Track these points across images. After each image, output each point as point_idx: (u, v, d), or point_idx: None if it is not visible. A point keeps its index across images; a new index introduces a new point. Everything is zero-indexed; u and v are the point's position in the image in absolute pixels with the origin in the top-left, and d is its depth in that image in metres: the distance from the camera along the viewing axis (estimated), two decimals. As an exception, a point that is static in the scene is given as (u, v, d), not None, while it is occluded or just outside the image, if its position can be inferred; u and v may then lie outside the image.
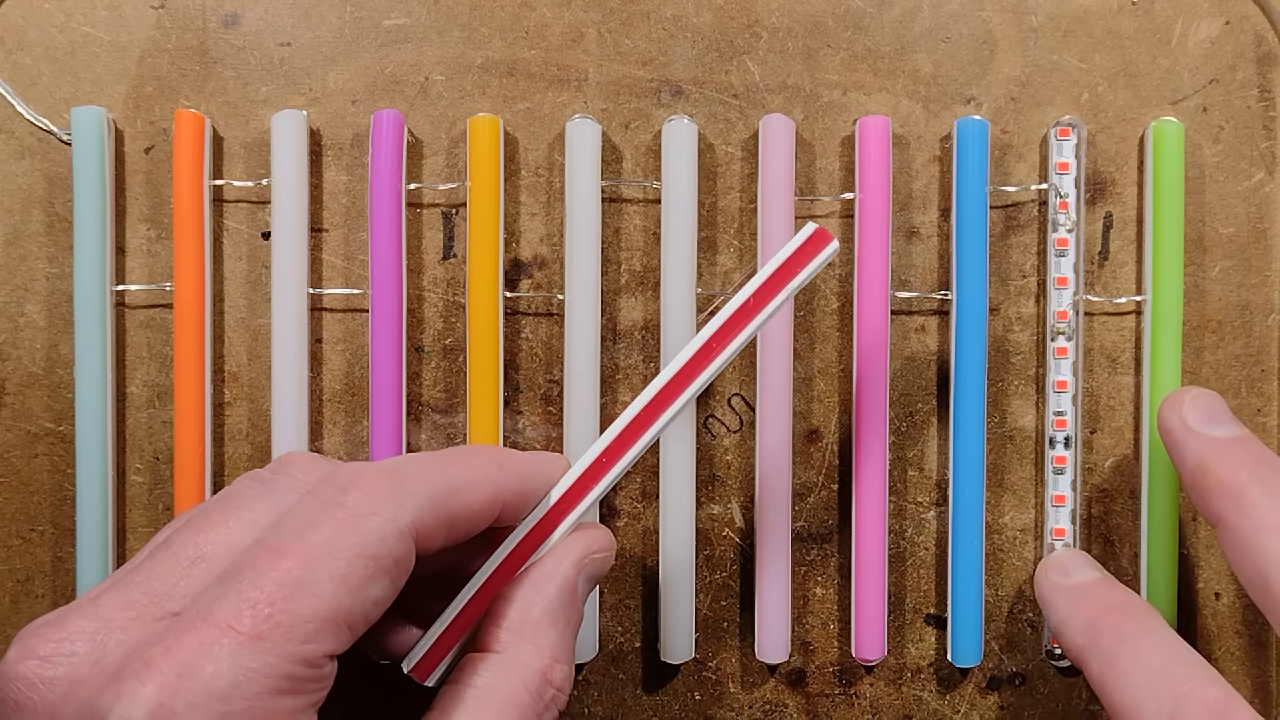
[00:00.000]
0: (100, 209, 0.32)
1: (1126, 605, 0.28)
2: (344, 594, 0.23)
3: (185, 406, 0.32)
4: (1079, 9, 0.33)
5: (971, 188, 0.32)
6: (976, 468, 0.32)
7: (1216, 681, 0.25)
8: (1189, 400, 0.28)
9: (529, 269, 0.33)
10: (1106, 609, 0.28)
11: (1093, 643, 0.27)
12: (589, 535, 0.28)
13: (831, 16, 0.33)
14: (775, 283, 0.28)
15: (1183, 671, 0.25)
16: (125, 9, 0.33)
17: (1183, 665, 0.26)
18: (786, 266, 0.28)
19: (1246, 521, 0.26)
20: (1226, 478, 0.26)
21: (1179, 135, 0.32)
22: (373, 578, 0.23)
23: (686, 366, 0.28)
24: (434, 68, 0.33)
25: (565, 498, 0.28)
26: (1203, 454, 0.27)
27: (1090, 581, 0.30)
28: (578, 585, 0.27)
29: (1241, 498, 0.26)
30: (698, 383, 0.28)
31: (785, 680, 0.34)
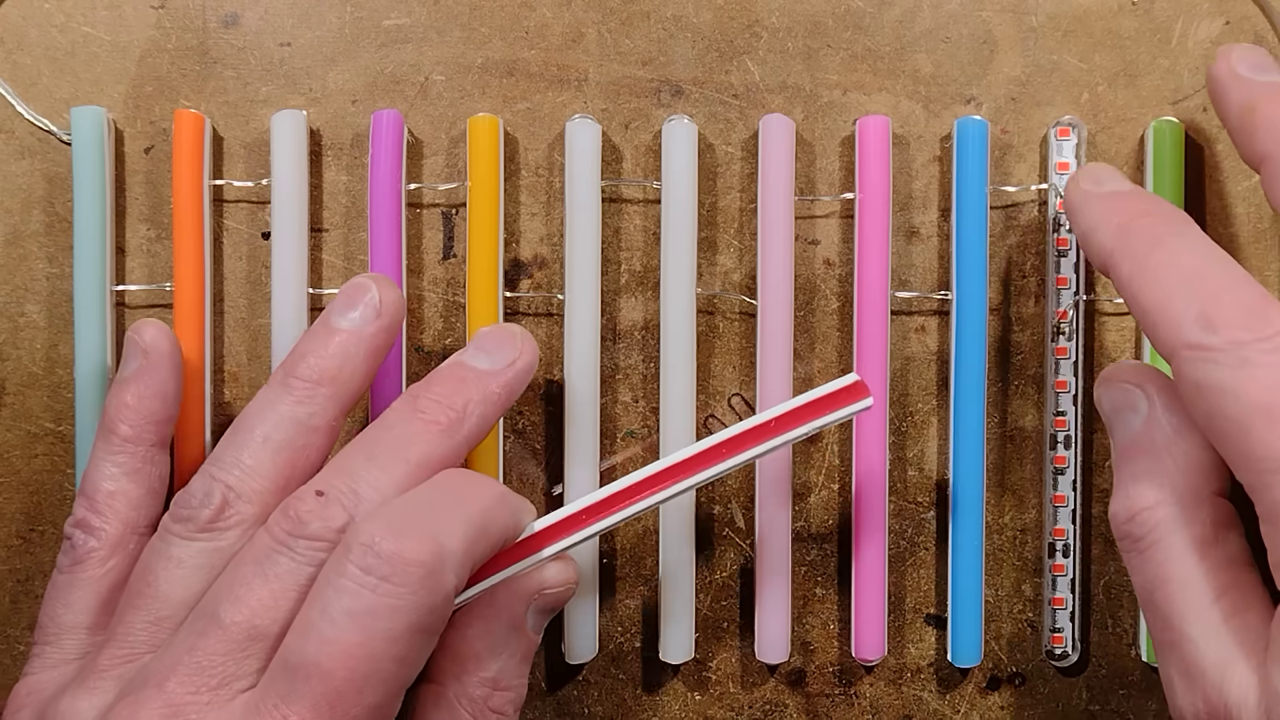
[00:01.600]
0: (100, 209, 0.32)
1: (1161, 209, 0.27)
2: (407, 672, 0.24)
3: (185, 406, 0.32)
4: (1079, 9, 0.33)
5: (971, 188, 0.32)
6: (976, 468, 0.32)
7: (1251, 282, 0.24)
8: (1238, 51, 0.28)
9: (529, 269, 0.33)
10: (1140, 213, 0.27)
11: (1124, 245, 0.26)
12: (545, 571, 0.28)
13: (831, 16, 0.33)
14: (801, 415, 0.29)
15: (1218, 271, 0.25)
16: (125, 9, 0.33)
17: (1218, 265, 0.25)
18: (818, 404, 0.29)
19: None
20: (1272, 114, 0.26)
21: (1179, 135, 0.32)
22: (426, 644, 0.25)
23: (689, 460, 0.28)
24: (434, 68, 0.33)
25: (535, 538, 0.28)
26: (1251, 95, 0.27)
27: (1124, 190, 0.28)
28: (525, 619, 0.28)
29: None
30: (694, 479, 0.28)
31: (785, 680, 0.34)
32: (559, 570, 0.28)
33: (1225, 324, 0.23)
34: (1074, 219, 0.28)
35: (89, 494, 0.29)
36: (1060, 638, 0.33)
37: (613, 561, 0.33)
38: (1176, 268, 0.25)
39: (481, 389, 0.28)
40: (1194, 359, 0.24)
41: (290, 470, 0.27)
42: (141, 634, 0.26)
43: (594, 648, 0.33)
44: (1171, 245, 0.25)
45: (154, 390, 0.29)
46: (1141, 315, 0.25)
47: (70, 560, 0.28)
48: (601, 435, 0.33)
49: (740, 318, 0.33)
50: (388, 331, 0.29)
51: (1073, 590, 0.33)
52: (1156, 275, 0.25)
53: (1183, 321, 0.24)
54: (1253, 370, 0.23)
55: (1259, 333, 0.23)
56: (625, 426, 0.33)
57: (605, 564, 0.33)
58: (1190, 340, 0.24)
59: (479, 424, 0.28)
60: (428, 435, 0.27)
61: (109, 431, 0.29)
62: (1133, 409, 0.27)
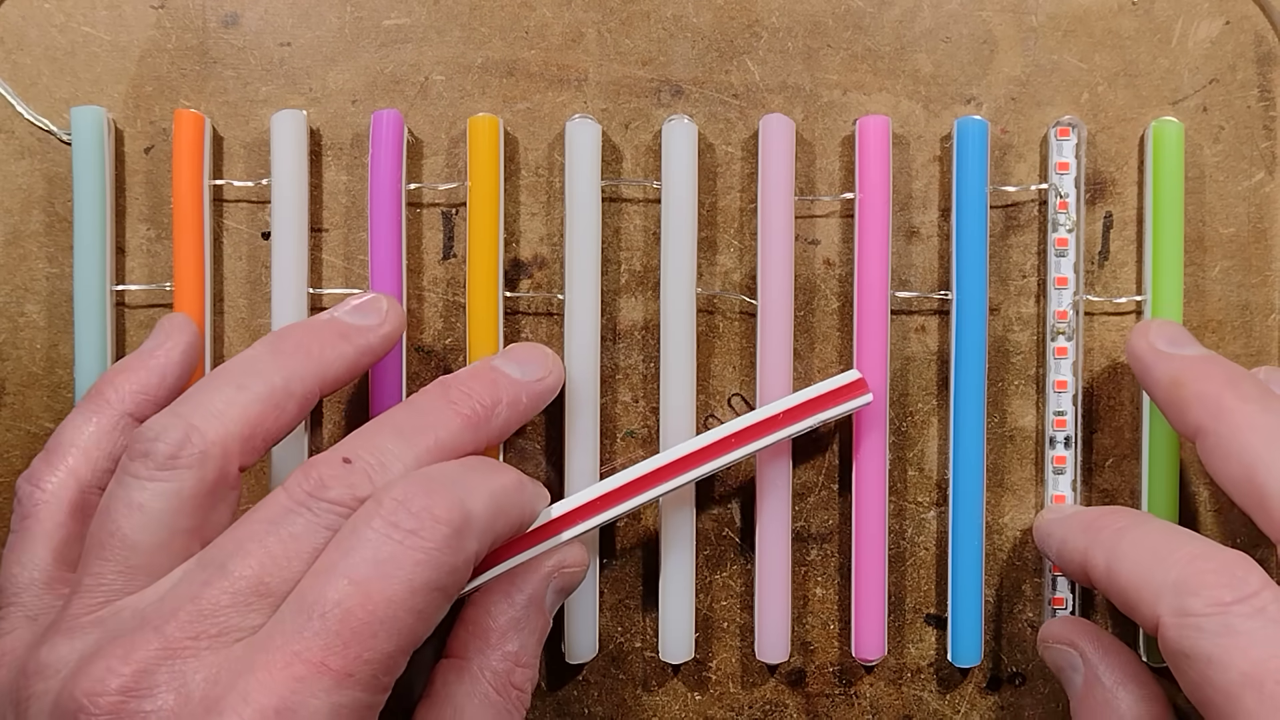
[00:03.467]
0: (100, 209, 0.32)
1: (1121, 510, 0.29)
2: (422, 627, 0.24)
3: (185, 406, 0.32)
4: (1079, 9, 0.33)
5: (971, 188, 0.32)
6: (976, 468, 0.32)
7: (1223, 547, 0.25)
8: (1155, 327, 0.29)
9: (529, 269, 0.33)
10: (1101, 514, 0.29)
11: (1094, 540, 0.27)
12: (563, 550, 0.29)
13: (831, 16, 0.33)
14: (803, 411, 0.30)
15: (1188, 542, 0.26)
16: (125, 9, 0.33)
17: (1186, 538, 0.26)
18: (819, 400, 0.30)
19: (1225, 426, 0.26)
20: (1201, 388, 0.27)
21: (1179, 135, 0.32)
22: (443, 606, 0.25)
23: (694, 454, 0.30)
24: (434, 68, 0.33)
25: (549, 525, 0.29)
26: (1176, 371, 0.28)
27: (1084, 509, 0.31)
28: (546, 597, 0.28)
29: (1218, 405, 0.27)
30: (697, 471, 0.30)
31: (785, 680, 0.34)
32: (576, 551, 0.29)
33: (1204, 586, 0.24)
34: (1045, 546, 0.31)
35: (49, 448, 0.28)
36: (1060, 638, 0.33)
37: (613, 561, 0.33)
38: (1147, 545, 0.26)
39: (512, 393, 0.29)
40: (1178, 627, 0.24)
41: (258, 425, 0.27)
42: (115, 582, 0.25)
43: (594, 648, 0.33)
44: (1138, 530, 0.27)
45: (155, 365, 0.30)
46: (1123, 598, 0.26)
47: (19, 515, 0.28)
48: (601, 435, 0.33)
49: (740, 317, 0.33)
50: (385, 339, 0.30)
51: (1073, 590, 0.33)
52: (1129, 556, 0.26)
53: (1161, 591, 0.25)
54: (1237, 639, 0.23)
55: (1239, 592, 0.24)
56: (625, 426, 0.33)
57: (605, 564, 0.33)
58: (1172, 607, 0.24)
59: (504, 426, 0.29)
60: (456, 423, 0.28)
61: (94, 392, 0.29)
62: (1072, 668, 0.29)
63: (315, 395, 0.28)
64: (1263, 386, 0.27)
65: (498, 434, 0.29)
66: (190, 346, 0.31)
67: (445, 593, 0.24)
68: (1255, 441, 0.26)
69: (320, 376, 0.28)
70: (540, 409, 0.30)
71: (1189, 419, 0.27)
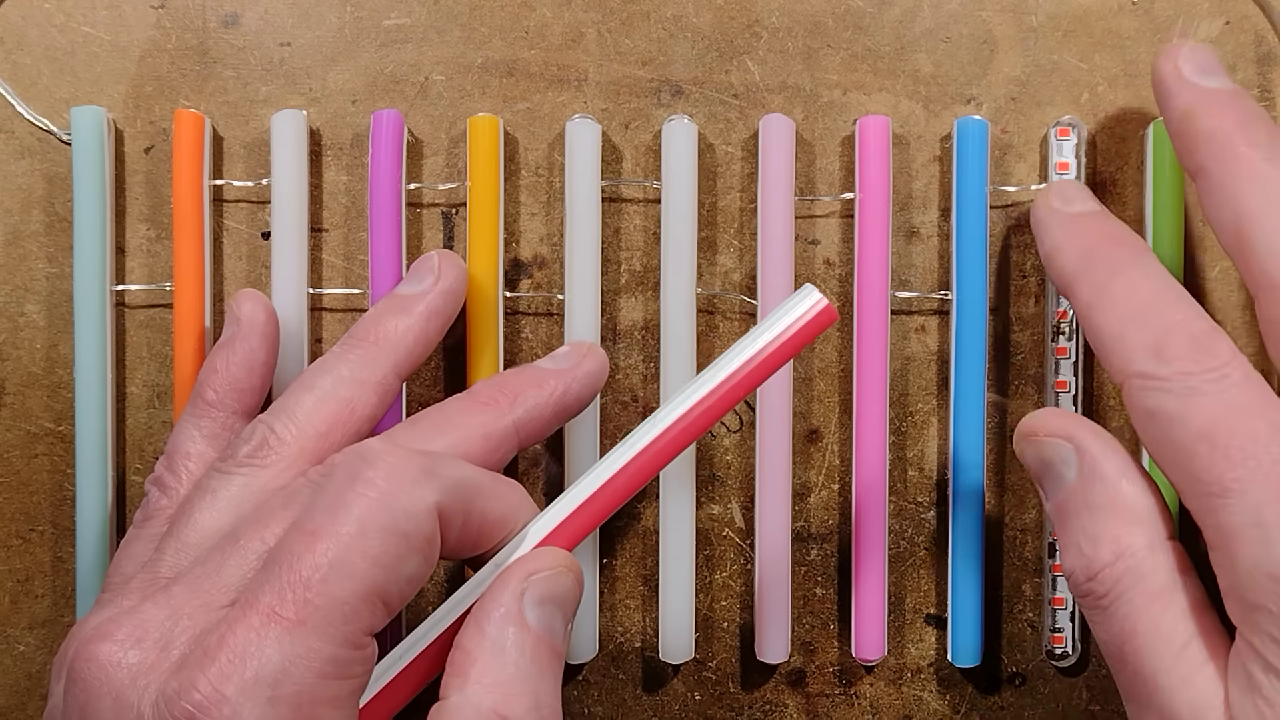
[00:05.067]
0: (100, 209, 0.32)
1: (1123, 237, 0.28)
2: (378, 572, 0.23)
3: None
4: (1079, 9, 0.33)
5: (971, 188, 0.32)
6: (976, 468, 0.32)
7: (1202, 316, 0.25)
8: (1185, 51, 0.28)
9: (529, 269, 0.33)
10: (1103, 239, 0.28)
11: (1086, 270, 0.27)
12: (529, 558, 0.26)
13: (831, 16, 0.33)
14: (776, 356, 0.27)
15: (1172, 303, 0.26)
16: (125, 9, 0.33)
17: (1173, 297, 0.26)
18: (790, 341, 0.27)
19: (1225, 170, 0.26)
20: (1211, 125, 0.26)
21: (1179, 135, 0.32)
22: (405, 555, 0.23)
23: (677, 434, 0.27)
24: (434, 68, 0.33)
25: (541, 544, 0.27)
26: (1191, 102, 0.27)
27: (1090, 211, 0.29)
28: (524, 612, 0.25)
29: (1224, 146, 0.26)
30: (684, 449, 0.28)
31: (785, 680, 0.34)
32: (543, 555, 0.26)
33: (1176, 356, 0.25)
34: (1039, 236, 0.29)
35: (169, 453, 0.29)
36: (1060, 638, 0.33)
37: (613, 561, 0.33)
38: (1133, 298, 0.26)
39: (538, 380, 0.29)
40: (1145, 388, 0.25)
41: (333, 420, 0.28)
42: (169, 558, 0.26)
43: (594, 648, 0.33)
44: (1131, 275, 0.26)
45: (241, 359, 0.30)
46: (1097, 342, 0.26)
47: (142, 515, 0.29)
48: (601, 435, 0.33)
49: (740, 318, 0.33)
50: (445, 295, 0.30)
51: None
52: (1115, 304, 0.26)
53: (1136, 351, 0.25)
54: (1199, 399, 0.24)
55: (1206, 364, 0.24)
56: (625, 426, 0.33)
57: (605, 564, 0.33)
58: (1143, 370, 0.25)
59: (531, 413, 0.29)
60: (473, 411, 0.28)
61: (196, 395, 0.30)
62: (1063, 462, 0.27)
63: (393, 377, 0.29)
64: (1276, 133, 0.26)
65: (526, 420, 0.29)
66: (265, 324, 0.30)
67: (407, 540, 0.23)
68: (1251, 191, 0.25)
69: (391, 359, 0.29)
70: (580, 398, 0.30)
71: (1194, 156, 0.26)
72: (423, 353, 0.30)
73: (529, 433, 0.29)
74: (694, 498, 0.33)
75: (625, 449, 0.27)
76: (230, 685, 0.22)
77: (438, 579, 0.33)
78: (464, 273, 0.31)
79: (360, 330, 0.29)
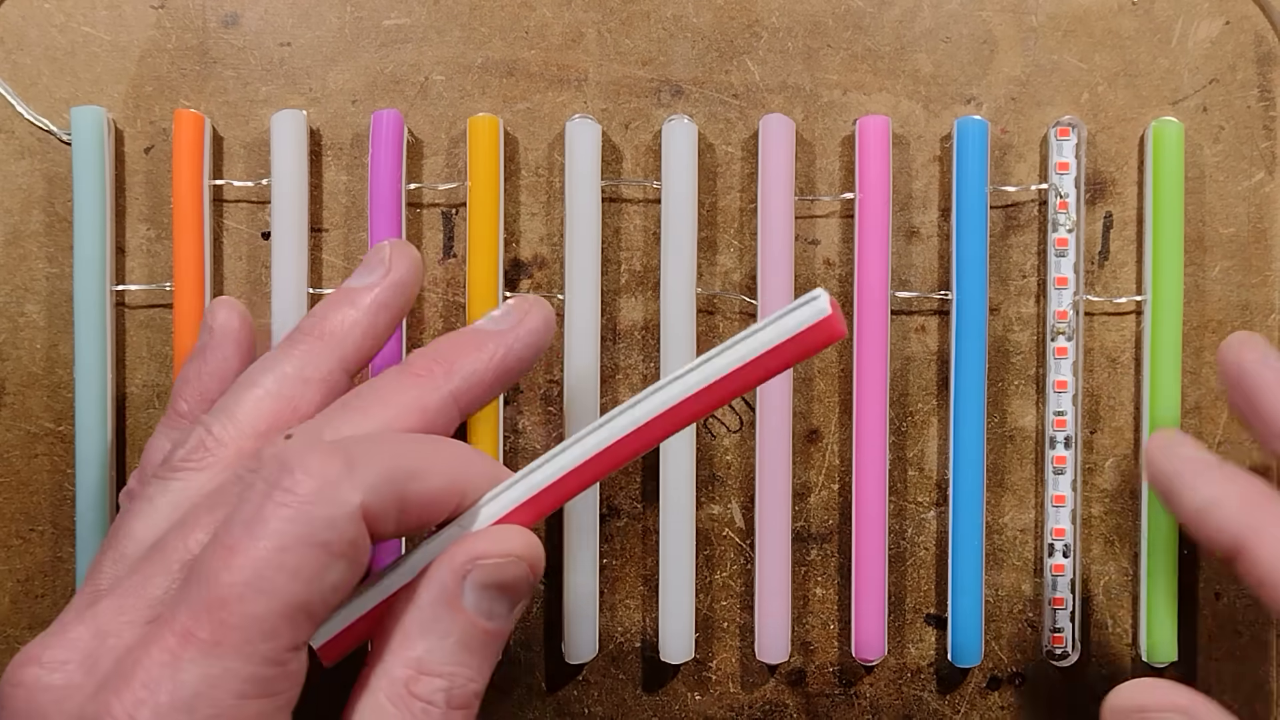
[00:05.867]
0: (100, 209, 0.32)
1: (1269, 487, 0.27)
2: (298, 586, 0.22)
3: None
4: (1079, 9, 0.33)
5: (971, 188, 0.32)
6: (976, 468, 0.32)
7: None
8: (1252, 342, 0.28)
9: (529, 269, 0.33)
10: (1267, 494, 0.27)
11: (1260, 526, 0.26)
12: (481, 538, 0.24)
13: (831, 16, 0.33)
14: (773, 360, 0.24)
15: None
16: (125, 9, 0.33)
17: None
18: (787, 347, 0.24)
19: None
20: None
21: (1179, 135, 0.32)
22: (328, 565, 0.22)
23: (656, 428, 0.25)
24: (434, 68, 0.33)
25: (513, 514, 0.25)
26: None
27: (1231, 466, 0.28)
28: (461, 594, 0.24)
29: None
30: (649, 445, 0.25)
31: (785, 680, 0.34)
32: (496, 537, 0.24)
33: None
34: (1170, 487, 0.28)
35: (142, 465, 0.29)
36: (1060, 638, 0.33)
37: (613, 561, 0.33)
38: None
39: (476, 344, 0.27)
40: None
41: (274, 418, 0.26)
42: (107, 571, 0.25)
43: (594, 648, 0.33)
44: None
45: (213, 369, 0.29)
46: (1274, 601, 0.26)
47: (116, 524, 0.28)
48: (601, 435, 0.33)
49: (740, 318, 0.33)
50: (394, 288, 0.28)
51: (1073, 590, 0.33)
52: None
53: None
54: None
55: None
56: (625, 426, 0.33)
57: (605, 564, 0.33)
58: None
59: (469, 380, 0.27)
60: (407, 384, 0.26)
61: (170, 406, 0.29)
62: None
63: (339, 373, 0.27)
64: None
65: (465, 388, 0.27)
66: (237, 333, 0.29)
67: (328, 549, 0.22)
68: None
69: (338, 354, 0.27)
70: (522, 359, 0.27)
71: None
72: (372, 347, 0.28)
73: (470, 401, 0.27)
74: (694, 498, 0.33)
75: (601, 431, 0.25)
76: (145, 711, 0.21)
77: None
78: (417, 263, 0.29)
79: (306, 324, 0.28)
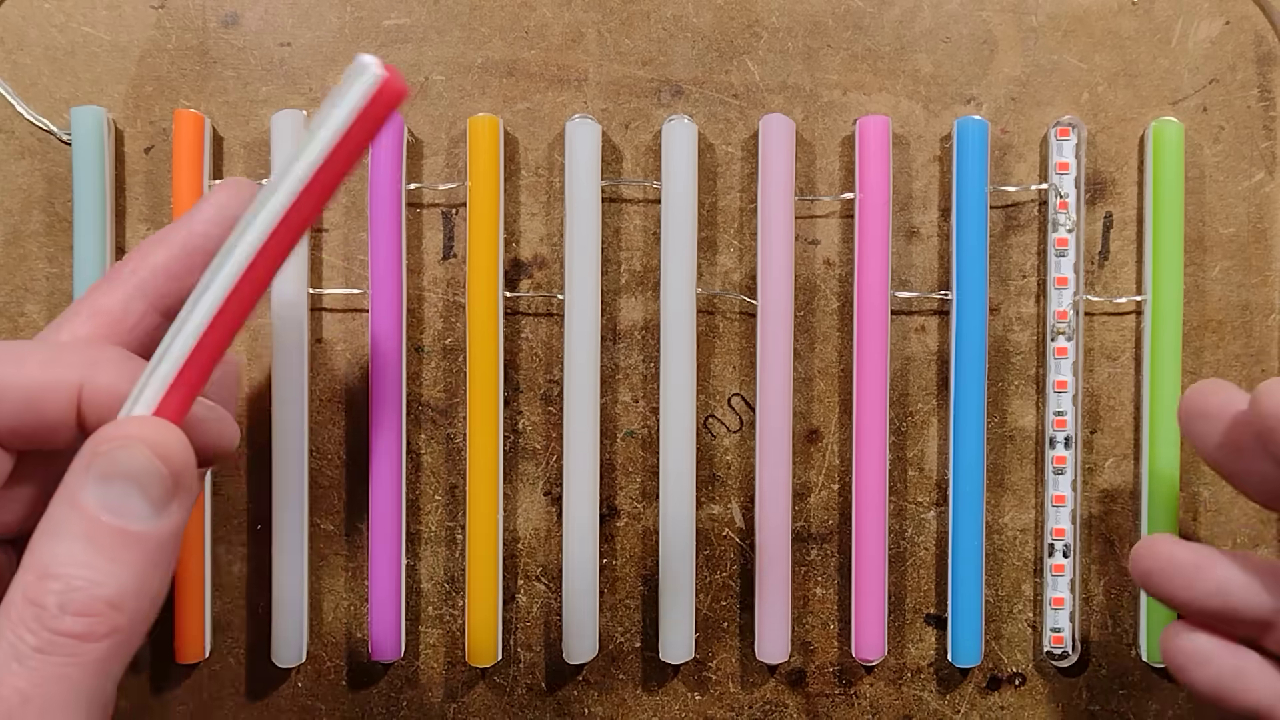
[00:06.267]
0: (100, 209, 0.32)
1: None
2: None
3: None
4: (1079, 9, 0.33)
5: (971, 188, 0.32)
6: (976, 468, 0.32)
7: None
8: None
9: (529, 269, 0.33)
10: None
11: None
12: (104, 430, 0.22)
13: (831, 16, 0.33)
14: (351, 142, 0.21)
15: None
16: (125, 9, 0.33)
17: None
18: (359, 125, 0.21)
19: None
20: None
21: (1179, 135, 0.32)
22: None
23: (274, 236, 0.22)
24: (434, 68, 0.33)
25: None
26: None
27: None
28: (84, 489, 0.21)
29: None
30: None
31: (785, 680, 0.34)
32: (117, 426, 0.22)
33: None
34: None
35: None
36: (1060, 638, 0.33)
37: (613, 561, 0.33)
38: None
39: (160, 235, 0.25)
40: None
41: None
42: None
43: (594, 648, 0.33)
44: None
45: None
46: None
47: None
48: (601, 435, 0.33)
49: (740, 318, 0.33)
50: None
51: (1073, 590, 0.33)
52: None
53: None
54: None
55: None
56: (625, 426, 0.33)
57: (605, 564, 0.33)
58: None
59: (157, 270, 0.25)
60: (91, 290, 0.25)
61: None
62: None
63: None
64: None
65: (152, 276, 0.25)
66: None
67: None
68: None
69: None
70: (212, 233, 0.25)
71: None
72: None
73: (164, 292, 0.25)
74: (694, 498, 0.33)
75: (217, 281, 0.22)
76: None
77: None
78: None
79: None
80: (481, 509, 0.32)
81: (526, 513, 0.33)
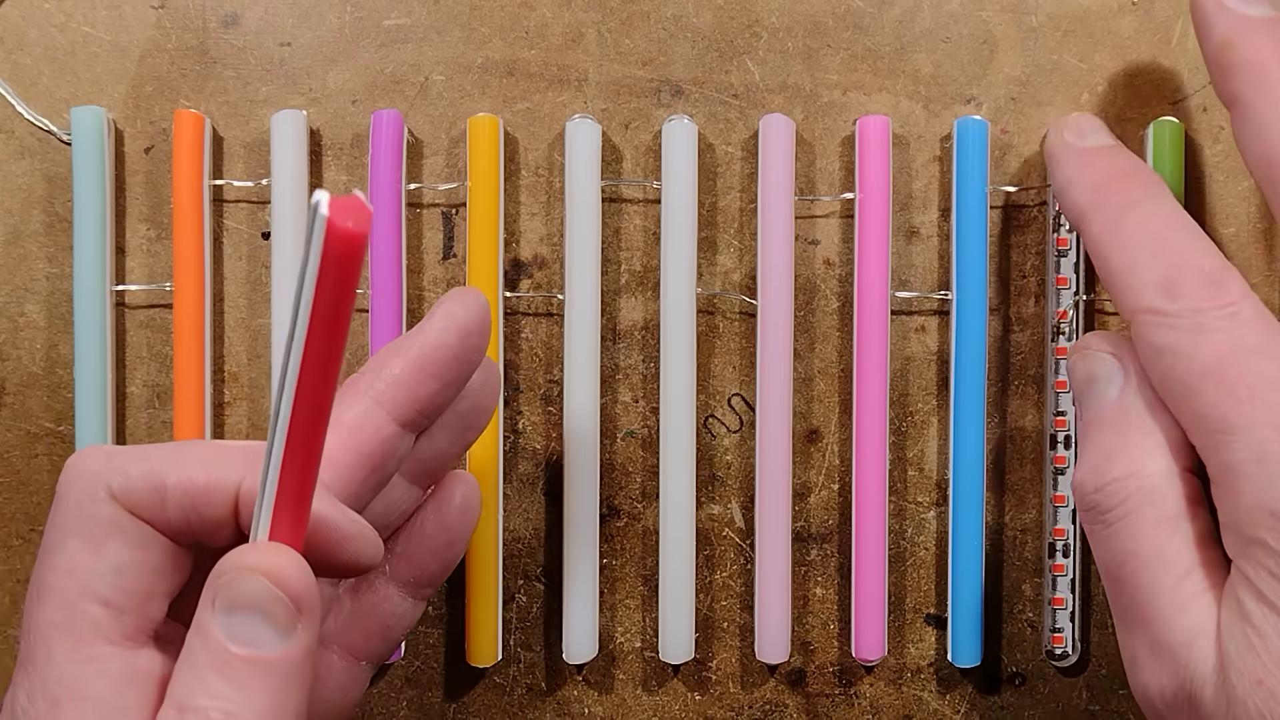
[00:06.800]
0: (100, 209, 0.32)
1: (1136, 171, 0.28)
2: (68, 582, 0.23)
3: (185, 406, 0.32)
4: (1079, 9, 0.33)
5: (971, 188, 0.32)
6: (976, 468, 0.32)
7: (1213, 253, 0.25)
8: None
9: (529, 269, 0.33)
10: (1116, 174, 0.28)
11: (1098, 205, 0.27)
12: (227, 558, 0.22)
13: (831, 16, 0.33)
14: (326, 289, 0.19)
15: (1183, 240, 0.26)
16: (125, 9, 0.33)
17: (1183, 234, 0.26)
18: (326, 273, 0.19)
19: (1263, 100, 0.25)
20: (1251, 55, 0.26)
21: (1179, 135, 0.32)
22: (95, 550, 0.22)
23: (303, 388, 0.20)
24: (434, 68, 0.33)
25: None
26: (1231, 30, 0.26)
27: (1104, 146, 0.29)
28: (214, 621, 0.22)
29: (1263, 76, 0.25)
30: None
31: (785, 680, 0.34)
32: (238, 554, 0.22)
33: (1185, 293, 0.25)
34: (1052, 169, 0.29)
35: None
36: (1060, 638, 0.33)
37: (613, 561, 0.33)
38: (1144, 233, 0.26)
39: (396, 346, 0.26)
40: (1153, 323, 0.25)
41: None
42: None
43: (594, 648, 0.33)
44: (1143, 210, 0.26)
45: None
46: (1107, 276, 0.26)
47: None
48: (601, 435, 0.33)
49: (740, 318, 0.33)
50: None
51: (1073, 590, 0.33)
52: (1126, 239, 0.26)
53: (1146, 287, 0.25)
54: (1207, 335, 0.24)
55: (1216, 301, 0.24)
56: (625, 426, 0.33)
57: (605, 564, 0.33)
58: (1151, 305, 0.25)
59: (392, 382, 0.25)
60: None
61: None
62: (1108, 379, 0.27)
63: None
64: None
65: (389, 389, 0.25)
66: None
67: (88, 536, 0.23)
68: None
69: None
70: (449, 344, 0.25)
71: (1230, 85, 0.26)
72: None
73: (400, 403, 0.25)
74: (694, 498, 0.33)
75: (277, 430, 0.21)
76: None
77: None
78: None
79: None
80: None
81: (526, 513, 0.33)
